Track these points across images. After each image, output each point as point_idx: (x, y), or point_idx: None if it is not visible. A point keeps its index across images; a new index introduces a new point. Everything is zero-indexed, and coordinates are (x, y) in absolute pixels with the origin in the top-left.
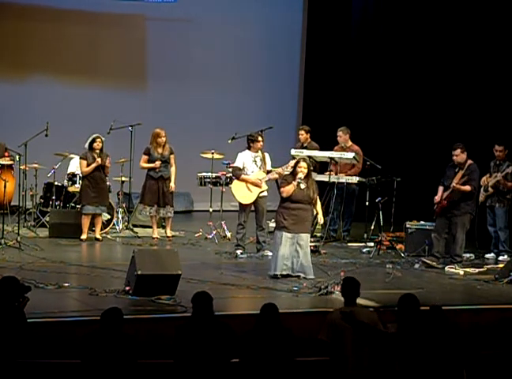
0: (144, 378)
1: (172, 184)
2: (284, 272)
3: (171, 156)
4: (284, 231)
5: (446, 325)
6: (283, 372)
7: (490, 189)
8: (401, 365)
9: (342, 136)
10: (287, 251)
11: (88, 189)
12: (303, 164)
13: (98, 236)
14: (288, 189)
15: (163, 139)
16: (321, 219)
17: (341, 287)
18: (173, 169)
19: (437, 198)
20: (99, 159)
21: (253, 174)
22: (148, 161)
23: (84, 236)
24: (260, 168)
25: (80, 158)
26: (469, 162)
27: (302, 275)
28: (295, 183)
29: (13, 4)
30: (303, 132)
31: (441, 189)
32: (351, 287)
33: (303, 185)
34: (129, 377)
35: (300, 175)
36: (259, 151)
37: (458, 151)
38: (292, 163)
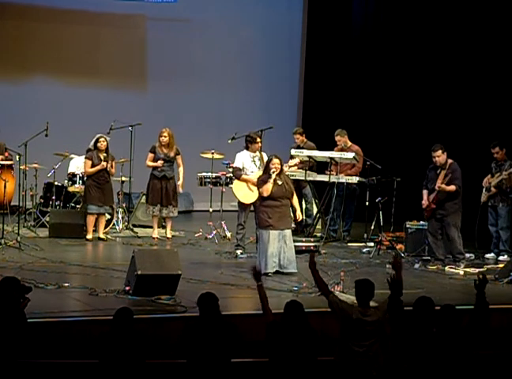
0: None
1: (179, 183)
2: (273, 270)
3: (178, 157)
4: (271, 229)
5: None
6: (308, 371)
7: (493, 189)
8: (411, 364)
9: (341, 139)
10: (274, 249)
11: (92, 188)
12: (275, 161)
13: (102, 236)
14: (267, 187)
15: (165, 138)
16: (299, 216)
17: (355, 288)
18: (181, 169)
19: (424, 203)
20: (104, 163)
21: (252, 174)
22: (154, 159)
23: (89, 236)
24: (259, 168)
25: (86, 158)
26: (450, 161)
27: (288, 270)
28: (271, 180)
29: (14, 4)
30: (298, 136)
31: (425, 192)
32: (365, 288)
33: (280, 182)
34: (140, 376)
35: (273, 170)
36: (257, 151)
37: (439, 152)
38: (292, 162)
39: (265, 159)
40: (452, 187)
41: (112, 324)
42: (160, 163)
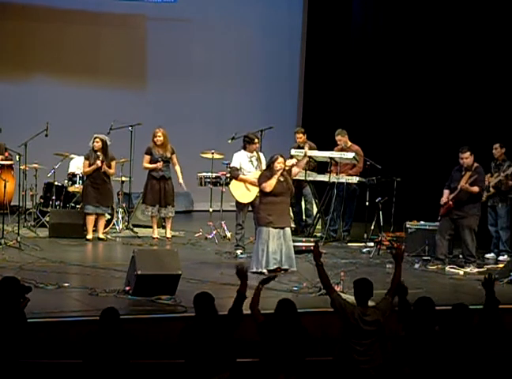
0: (144, 378)
1: (181, 181)
2: (274, 266)
3: (173, 156)
4: (271, 227)
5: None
6: (299, 369)
7: (491, 190)
8: (412, 366)
9: (342, 139)
10: (274, 246)
11: (89, 188)
12: (281, 160)
13: (101, 236)
14: (271, 183)
15: (159, 138)
16: None
17: (354, 288)
18: (177, 168)
19: (443, 199)
20: (98, 162)
21: (250, 174)
22: (151, 161)
23: (89, 236)
24: (256, 168)
25: (84, 157)
26: (476, 164)
27: (287, 267)
28: (276, 177)
29: (14, 4)
30: (301, 134)
31: (446, 192)
32: (363, 287)
33: (281, 179)
34: (127, 375)
35: (278, 168)
36: (254, 152)
37: (468, 153)
38: (290, 162)
39: (263, 159)
40: (475, 188)
41: (99, 324)
42: (159, 164)
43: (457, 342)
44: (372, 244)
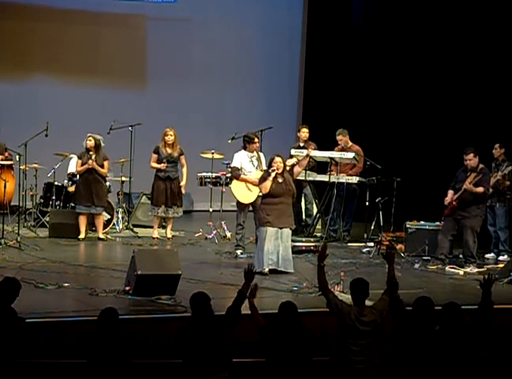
0: (144, 378)
1: (182, 184)
2: (271, 267)
3: (182, 157)
4: (269, 226)
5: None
6: (303, 371)
7: (490, 189)
8: (413, 366)
9: (343, 138)
10: (271, 246)
11: (80, 188)
12: (277, 160)
13: (101, 236)
14: (266, 185)
15: (170, 138)
16: None
17: (350, 288)
18: (184, 169)
19: (447, 199)
20: (90, 162)
21: (250, 174)
22: (158, 160)
23: (81, 236)
24: (257, 168)
25: (77, 157)
26: (481, 166)
27: (283, 269)
28: (270, 178)
29: (14, 4)
30: (306, 130)
31: (451, 192)
32: (360, 287)
33: (280, 179)
34: (127, 376)
35: (274, 168)
36: (254, 151)
37: (471, 155)
38: (290, 161)
39: (263, 159)
40: (480, 189)
41: (97, 325)
42: (163, 165)
43: (449, 341)
44: (372, 244)
